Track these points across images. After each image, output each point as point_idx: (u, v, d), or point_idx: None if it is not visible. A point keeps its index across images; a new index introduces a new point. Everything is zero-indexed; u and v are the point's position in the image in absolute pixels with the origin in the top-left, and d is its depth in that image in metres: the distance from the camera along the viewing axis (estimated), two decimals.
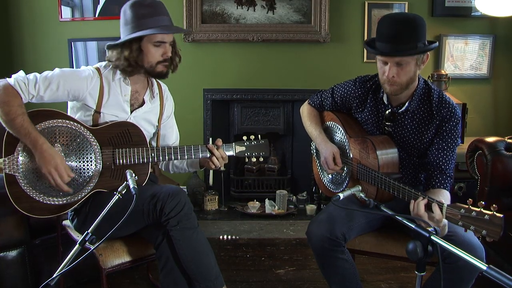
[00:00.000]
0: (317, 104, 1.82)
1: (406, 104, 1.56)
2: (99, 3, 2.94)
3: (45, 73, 1.52)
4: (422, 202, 1.31)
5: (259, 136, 1.70)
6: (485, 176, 2.04)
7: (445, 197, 1.47)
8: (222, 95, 3.05)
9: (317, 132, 1.75)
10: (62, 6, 2.96)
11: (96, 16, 2.96)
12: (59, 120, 1.52)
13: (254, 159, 1.68)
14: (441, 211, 1.27)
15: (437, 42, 1.49)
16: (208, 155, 1.61)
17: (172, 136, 1.84)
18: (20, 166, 1.47)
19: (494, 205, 1.10)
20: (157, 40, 1.55)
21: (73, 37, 2.97)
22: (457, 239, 1.36)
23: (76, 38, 2.98)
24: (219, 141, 1.63)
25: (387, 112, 1.60)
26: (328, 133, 1.78)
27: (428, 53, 1.49)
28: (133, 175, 1.35)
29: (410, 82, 1.50)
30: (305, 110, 1.86)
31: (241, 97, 3.06)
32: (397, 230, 1.62)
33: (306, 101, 1.88)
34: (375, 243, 1.64)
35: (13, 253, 1.75)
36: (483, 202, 1.12)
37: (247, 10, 2.93)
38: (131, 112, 1.65)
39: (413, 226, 1.13)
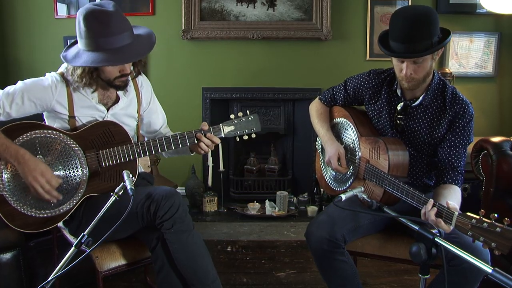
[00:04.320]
0: (328, 98, 1.81)
1: (420, 98, 1.56)
2: (95, 0, 2.90)
3: (7, 88, 1.49)
4: (432, 212, 1.29)
5: (248, 111, 1.64)
6: (490, 177, 2.02)
7: (456, 193, 1.47)
8: (221, 94, 3.02)
9: (324, 130, 1.74)
10: (57, 3, 2.94)
11: None
12: (37, 131, 1.48)
13: (246, 137, 1.62)
14: (451, 220, 1.24)
15: (451, 33, 1.49)
16: (196, 141, 1.57)
17: (158, 120, 1.78)
18: (6, 184, 1.44)
19: (506, 219, 1.09)
20: None
21: (69, 34, 2.94)
22: (462, 241, 1.35)
23: (72, 36, 2.92)
24: (205, 125, 1.58)
25: (399, 105, 1.59)
26: (337, 129, 1.76)
27: None
28: (130, 175, 1.32)
29: (427, 76, 1.51)
30: (313, 107, 1.85)
31: (240, 96, 3.02)
32: (400, 232, 1.61)
33: (317, 97, 1.87)
34: (378, 245, 1.62)
35: (7, 256, 1.72)
36: (496, 215, 1.11)
37: (247, 7, 2.89)
38: (108, 111, 1.60)
39: (417, 228, 1.11)
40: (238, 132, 1.61)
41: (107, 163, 1.52)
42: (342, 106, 1.77)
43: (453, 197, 1.44)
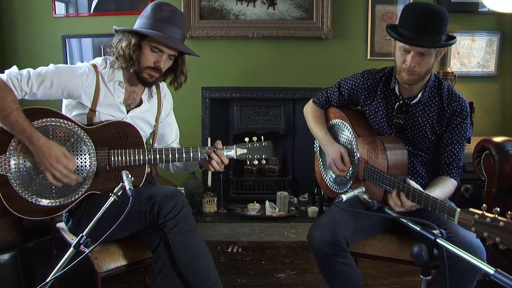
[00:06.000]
0: (322, 101, 1.80)
1: (419, 95, 1.56)
2: None
3: (39, 69, 1.48)
4: (394, 194, 1.38)
5: (262, 137, 1.65)
6: (492, 177, 2.01)
7: (447, 184, 1.51)
8: (221, 94, 3.01)
9: (323, 132, 1.73)
10: (56, 2, 2.92)
11: (91, 12, 2.92)
12: (53, 119, 1.48)
13: (256, 162, 1.64)
14: (414, 198, 1.32)
15: (456, 38, 1.52)
16: (207, 158, 1.57)
17: (171, 135, 1.80)
18: (13, 166, 1.44)
19: (510, 212, 1.07)
20: (156, 45, 1.51)
21: (67, 33, 2.94)
22: (457, 239, 1.35)
23: (70, 35, 2.94)
24: (219, 144, 1.59)
25: (397, 103, 1.58)
26: (334, 131, 1.75)
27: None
28: (129, 176, 1.31)
29: (427, 73, 1.51)
30: (308, 110, 1.84)
31: (240, 95, 3.01)
32: (401, 233, 1.60)
33: (310, 100, 1.86)
34: (379, 247, 1.61)
35: (5, 257, 1.73)
36: (498, 209, 1.09)
37: (247, 5, 2.88)
38: (128, 112, 1.62)
39: (418, 229, 1.10)
40: (250, 156, 1.62)
41: (116, 163, 1.52)
42: (337, 107, 1.76)
43: (441, 185, 1.49)
